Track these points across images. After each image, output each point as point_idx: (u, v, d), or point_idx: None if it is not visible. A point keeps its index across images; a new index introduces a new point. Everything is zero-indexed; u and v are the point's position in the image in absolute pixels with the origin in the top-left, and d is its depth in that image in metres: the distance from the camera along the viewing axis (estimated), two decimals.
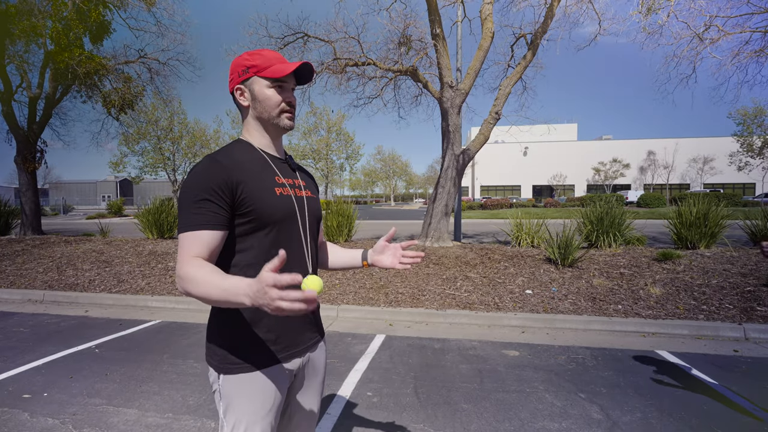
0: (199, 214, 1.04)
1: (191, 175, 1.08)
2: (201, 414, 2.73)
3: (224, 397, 1.13)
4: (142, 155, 34.29)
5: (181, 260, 1.02)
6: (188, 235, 1.03)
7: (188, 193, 1.06)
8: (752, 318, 4.43)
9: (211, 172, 1.06)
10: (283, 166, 1.25)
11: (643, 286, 5.31)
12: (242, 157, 1.15)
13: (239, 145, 1.20)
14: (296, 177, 1.28)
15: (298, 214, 1.21)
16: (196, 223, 1.04)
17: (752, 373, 3.35)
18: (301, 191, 1.25)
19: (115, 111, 11.28)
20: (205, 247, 1.04)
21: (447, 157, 7.89)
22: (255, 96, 1.17)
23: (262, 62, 1.15)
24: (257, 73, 1.15)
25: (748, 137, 31.47)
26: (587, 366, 3.54)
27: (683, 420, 2.61)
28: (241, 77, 1.17)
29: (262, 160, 1.19)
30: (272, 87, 1.16)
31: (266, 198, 1.13)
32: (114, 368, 3.52)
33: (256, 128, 1.22)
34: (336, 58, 8.52)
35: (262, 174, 1.16)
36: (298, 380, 1.27)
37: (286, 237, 1.18)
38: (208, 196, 1.04)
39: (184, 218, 1.05)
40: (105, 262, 7.33)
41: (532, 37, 8.00)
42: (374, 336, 4.37)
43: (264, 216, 1.12)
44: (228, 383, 1.12)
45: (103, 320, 5.09)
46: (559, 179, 48.81)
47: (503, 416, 2.69)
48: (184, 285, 0.99)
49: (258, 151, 1.20)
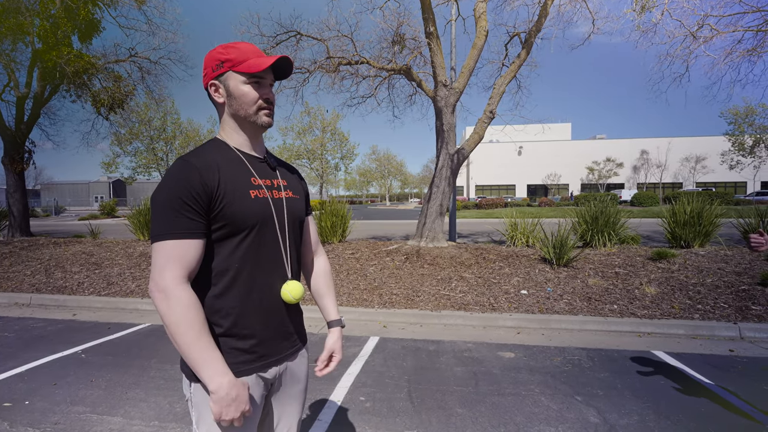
0: (181, 221, 0.98)
1: (167, 178, 1.02)
2: (188, 422, 2.65)
3: (195, 407, 1.08)
4: (134, 156, 34.01)
5: (156, 272, 0.98)
6: (171, 244, 0.98)
7: (165, 198, 1.00)
8: (747, 317, 4.42)
9: (185, 175, 1.01)
10: (261, 165, 1.19)
11: (638, 285, 5.29)
12: (216, 158, 1.08)
13: (213, 145, 1.14)
14: (276, 177, 1.21)
15: (275, 217, 1.14)
16: (179, 230, 0.99)
17: (748, 374, 3.32)
18: (279, 192, 1.19)
19: (105, 110, 11.10)
20: (193, 259, 1.01)
21: (441, 156, 7.83)
22: (230, 92, 1.11)
23: (237, 56, 1.08)
24: (232, 68, 1.09)
25: (740, 136, 31.76)
26: (583, 367, 3.49)
27: (680, 423, 2.57)
28: (215, 72, 1.10)
29: (238, 161, 1.13)
30: (248, 83, 1.10)
31: (240, 201, 1.07)
32: (100, 374, 3.43)
33: (231, 126, 1.16)
34: (329, 57, 8.43)
35: (236, 176, 1.10)
36: (275, 389, 1.21)
37: (261, 241, 1.11)
38: (187, 201, 0.99)
39: (164, 224, 0.99)
40: (95, 264, 7.20)
41: (526, 35, 7.96)
42: (368, 338, 4.30)
43: (237, 221, 1.06)
44: (199, 392, 1.06)
45: (91, 324, 4.98)
46: (553, 178, 49.01)
47: (498, 420, 2.63)
48: (161, 302, 0.96)
49: (233, 151, 1.14)
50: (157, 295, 0.97)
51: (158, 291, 0.97)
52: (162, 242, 0.98)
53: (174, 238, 0.98)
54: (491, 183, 52.92)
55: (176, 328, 0.96)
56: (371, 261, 6.74)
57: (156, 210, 1.01)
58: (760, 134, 30.46)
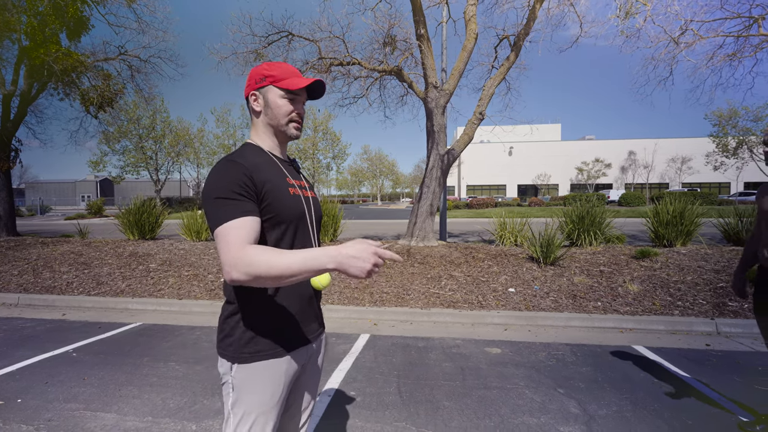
0: (238, 205, 1.07)
1: (216, 175, 1.11)
2: (182, 417, 2.70)
3: (236, 388, 1.18)
4: (123, 154, 33.57)
5: (233, 248, 1.01)
6: (233, 224, 1.04)
7: (218, 190, 1.08)
8: (724, 313, 4.59)
9: (235, 171, 1.11)
10: (289, 168, 1.34)
11: (621, 283, 5.45)
12: (256, 159, 1.21)
13: (250, 148, 1.26)
14: (300, 178, 1.36)
15: (306, 213, 1.29)
16: (238, 211, 1.06)
17: (721, 366, 3.47)
18: (306, 191, 1.33)
19: (94, 109, 10.99)
20: (253, 233, 1.07)
21: (432, 156, 7.94)
22: (268, 103, 1.25)
23: (279, 73, 1.24)
24: (273, 83, 1.24)
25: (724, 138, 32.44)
26: (567, 362, 3.62)
27: (656, 413, 2.70)
28: (258, 84, 1.25)
29: (273, 162, 1.27)
30: (285, 97, 1.25)
31: (283, 197, 1.20)
32: (92, 372, 3.45)
33: (266, 132, 1.30)
34: (321, 58, 8.49)
35: (276, 175, 1.23)
36: (304, 369, 1.34)
37: (297, 234, 1.25)
38: (240, 191, 1.09)
39: (221, 212, 1.06)
40: (83, 264, 7.16)
41: (515, 38, 8.10)
42: (358, 336, 4.38)
43: (281, 214, 1.19)
44: (241, 372, 1.17)
45: (81, 323, 4.98)
46: (543, 179, 49.53)
47: (484, 413, 2.73)
48: (247, 269, 0.97)
49: (267, 154, 1.28)
50: (235, 274, 0.98)
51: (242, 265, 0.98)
52: (222, 226, 1.04)
53: (230, 220, 1.04)
54: (482, 183, 53.30)
55: (283, 272, 0.97)
56: None
57: (210, 203, 1.08)
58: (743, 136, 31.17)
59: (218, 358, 1.23)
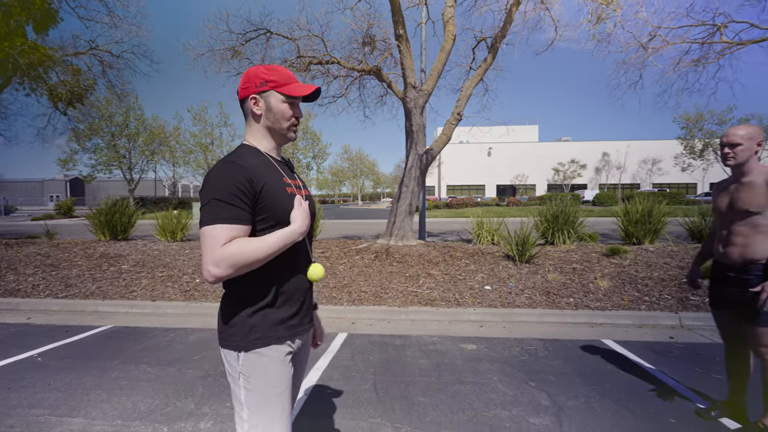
0: (232, 210, 1.13)
1: (215, 175, 1.17)
2: (153, 419, 2.65)
3: (245, 376, 1.22)
4: (94, 152, 32.42)
5: (215, 247, 1.10)
6: (221, 228, 1.12)
7: (216, 191, 1.14)
8: (687, 307, 4.81)
9: (234, 172, 1.16)
10: (284, 168, 1.37)
11: (592, 279, 5.63)
12: (254, 161, 1.25)
13: (247, 149, 1.30)
14: (294, 178, 1.40)
15: None
16: (229, 217, 1.13)
17: (683, 357, 3.64)
18: (301, 191, 1.38)
19: (62, 105, 10.61)
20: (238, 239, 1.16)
21: (411, 156, 7.99)
22: (270, 107, 1.30)
23: (279, 79, 1.28)
24: (275, 88, 1.28)
25: (691, 140, 33.85)
26: (539, 356, 3.72)
27: (621, 402, 2.81)
28: (258, 88, 1.28)
29: (270, 163, 1.30)
30: (286, 102, 1.30)
31: (280, 196, 1.24)
32: (58, 377, 3.34)
33: (264, 135, 1.34)
34: (300, 56, 8.43)
35: (273, 175, 1.27)
36: (296, 357, 1.38)
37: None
38: (237, 194, 1.14)
39: (214, 213, 1.13)
40: (51, 266, 6.89)
41: (493, 40, 8.24)
42: (336, 335, 4.38)
43: (279, 214, 1.23)
44: (248, 360, 1.21)
45: (48, 327, 4.80)
46: (521, 179, 50.50)
47: (458, 407, 2.79)
48: (230, 261, 1.09)
49: (264, 155, 1.32)
50: (214, 269, 1.09)
51: (214, 266, 1.09)
52: (209, 226, 1.12)
53: (221, 223, 1.12)
54: (462, 183, 53.92)
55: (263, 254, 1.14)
56: (341, 259, 6.81)
57: (207, 203, 1.15)
58: (709, 139, 32.61)
59: (221, 351, 1.26)
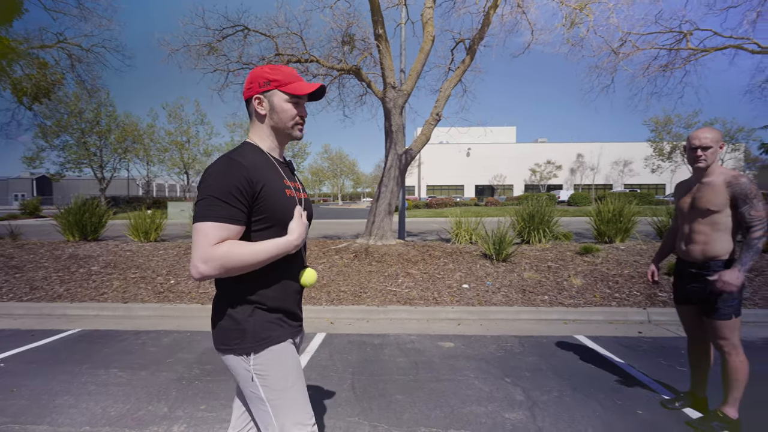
0: (226, 209, 1.12)
1: (214, 172, 1.16)
2: (123, 425, 2.57)
3: (262, 372, 1.23)
4: (63, 150, 31.01)
5: (207, 245, 1.10)
6: (214, 226, 1.11)
7: (214, 189, 1.13)
8: (655, 303, 5.00)
9: (234, 170, 1.15)
10: (285, 169, 1.36)
11: (566, 277, 5.79)
12: (255, 158, 1.24)
13: (250, 148, 1.29)
14: (294, 180, 1.39)
15: None
16: (223, 216, 1.12)
17: (651, 351, 3.80)
18: (300, 193, 1.37)
19: (27, 100, 10.16)
20: (231, 239, 1.15)
21: (390, 156, 8.02)
22: (274, 107, 1.29)
23: (283, 78, 1.27)
24: (278, 87, 1.27)
25: (660, 143, 35.21)
26: (514, 353, 3.80)
27: (592, 395, 2.90)
28: (262, 88, 1.27)
29: (271, 163, 1.29)
30: (290, 101, 1.29)
31: (279, 198, 1.23)
32: (22, 383, 3.20)
33: (268, 134, 1.33)
34: (278, 54, 8.33)
35: (273, 176, 1.26)
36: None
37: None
38: (236, 194, 1.13)
39: (209, 210, 1.12)
40: (15, 268, 6.59)
41: (471, 42, 8.35)
42: (315, 335, 4.35)
43: (277, 215, 1.23)
44: (260, 359, 1.23)
45: (11, 332, 4.59)
46: (499, 179, 51.35)
47: (435, 404, 2.82)
48: (220, 262, 1.09)
49: (266, 155, 1.31)
50: (202, 266, 1.09)
51: (202, 263, 1.09)
52: (202, 223, 1.12)
53: (214, 221, 1.11)
54: (442, 183, 54.41)
55: (255, 260, 1.14)
56: (320, 259, 6.77)
57: (204, 198, 1.14)
58: (676, 141, 34.01)
59: (224, 357, 1.25)
